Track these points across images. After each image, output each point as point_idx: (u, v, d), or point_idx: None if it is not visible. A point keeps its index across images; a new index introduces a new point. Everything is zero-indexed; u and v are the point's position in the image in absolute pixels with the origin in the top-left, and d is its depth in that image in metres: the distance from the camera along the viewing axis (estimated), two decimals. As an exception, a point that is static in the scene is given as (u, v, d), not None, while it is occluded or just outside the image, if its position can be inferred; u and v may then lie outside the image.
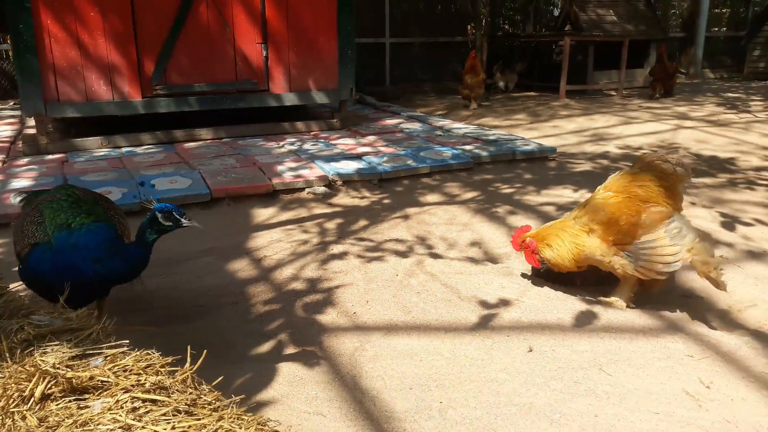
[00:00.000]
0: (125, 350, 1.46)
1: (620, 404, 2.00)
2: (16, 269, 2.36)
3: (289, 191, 4.41)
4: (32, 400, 1.27)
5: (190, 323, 2.58)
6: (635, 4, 11.11)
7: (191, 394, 1.35)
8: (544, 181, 4.81)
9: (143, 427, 1.20)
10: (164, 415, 1.25)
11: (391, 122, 7.04)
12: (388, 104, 8.44)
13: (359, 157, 5.14)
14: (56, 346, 1.44)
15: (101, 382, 1.33)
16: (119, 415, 1.22)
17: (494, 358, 2.29)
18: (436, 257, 3.25)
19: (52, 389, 1.30)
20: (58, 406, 1.27)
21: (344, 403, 2.03)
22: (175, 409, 1.27)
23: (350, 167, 4.76)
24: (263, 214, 4.04)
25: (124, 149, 5.57)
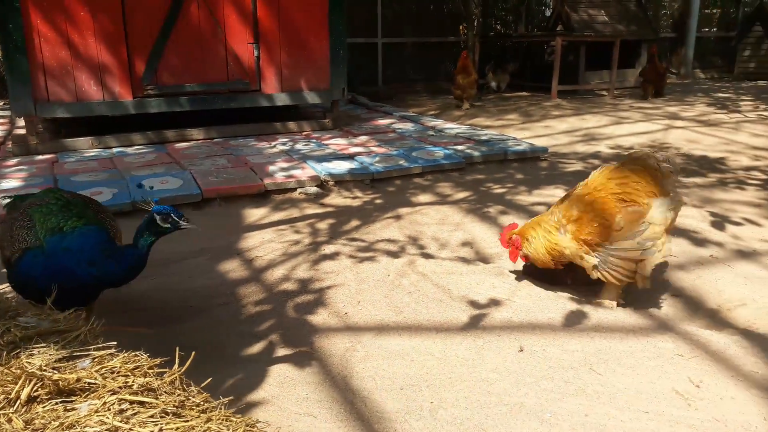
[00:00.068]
0: (113, 352, 1.46)
1: (610, 403, 2.00)
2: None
3: (280, 191, 4.40)
4: (18, 402, 1.26)
5: (180, 324, 2.57)
6: (626, 4, 11.16)
7: (179, 395, 1.34)
8: (535, 181, 4.82)
9: (130, 429, 1.19)
10: (152, 417, 1.24)
11: (383, 122, 7.04)
12: (380, 104, 8.44)
13: (351, 157, 5.14)
14: (43, 348, 1.43)
15: (88, 384, 1.32)
16: (106, 417, 1.21)
17: (485, 358, 2.29)
18: (427, 257, 3.25)
19: (38, 391, 1.29)
20: (44, 408, 1.26)
21: (335, 403, 2.02)
22: (162, 410, 1.27)
23: (342, 167, 4.75)
24: (255, 214, 4.03)
25: (114, 149, 5.55)
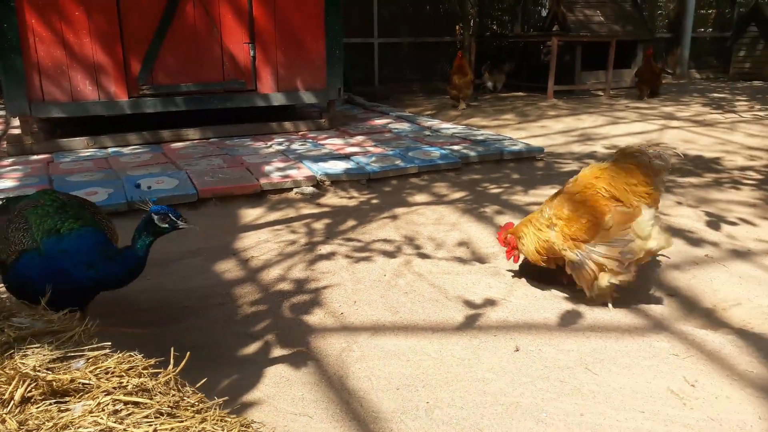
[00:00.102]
0: (107, 352, 1.45)
1: (606, 403, 2.01)
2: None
3: (276, 191, 4.39)
4: (12, 403, 1.25)
5: (176, 324, 2.56)
6: (622, 4, 11.18)
7: (174, 396, 1.34)
8: (531, 181, 4.83)
9: (125, 429, 1.19)
10: (146, 417, 1.24)
11: (379, 122, 7.03)
12: (377, 104, 8.44)
13: (347, 157, 5.13)
14: (37, 348, 1.43)
15: (82, 384, 1.32)
16: (100, 417, 1.21)
17: (481, 357, 2.29)
18: (423, 257, 3.25)
19: (32, 392, 1.28)
20: (38, 409, 1.25)
21: (331, 404, 2.02)
22: (157, 411, 1.26)
23: (338, 167, 4.75)
24: (251, 214, 4.02)
25: (110, 149, 5.53)
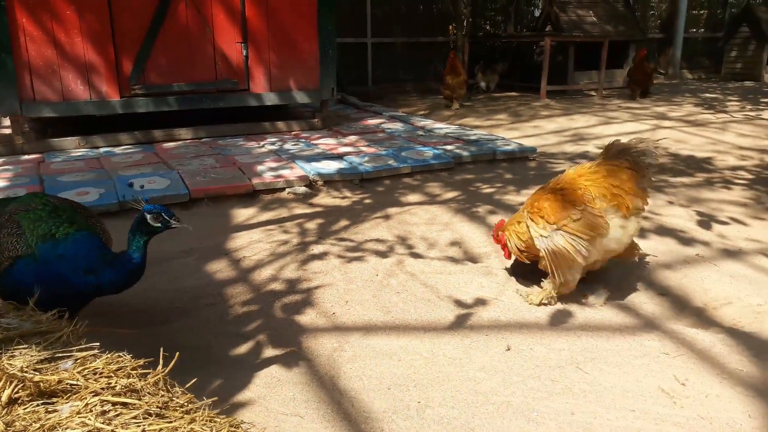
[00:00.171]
0: (96, 353, 1.44)
1: (597, 402, 2.01)
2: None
3: (269, 191, 4.38)
4: (-1, 404, 1.25)
5: (167, 325, 2.55)
6: (614, 5, 11.22)
7: (163, 396, 1.33)
8: (524, 180, 4.84)
9: (113, 430, 1.18)
10: (134, 418, 1.23)
11: (372, 122, 7.03)
12: (370, 104, 8.43)
13: (340, 157, 5.13)
14: (24, 349, 1.42)
15: (70, 385, 1.31)
16: (88, 418, 1.20)
17: (472, 357, 2.29)
18: (416, 257, 3.25)
19: (19, 393, 1.27)
20: (25, 410, 1.24)
21: (322, 404, 2.02)
22: (146, 411, 1.26)
23: (331, 167, 4.74)
24: (243, 214, 4.01)
25: (102, 149, 5.50)
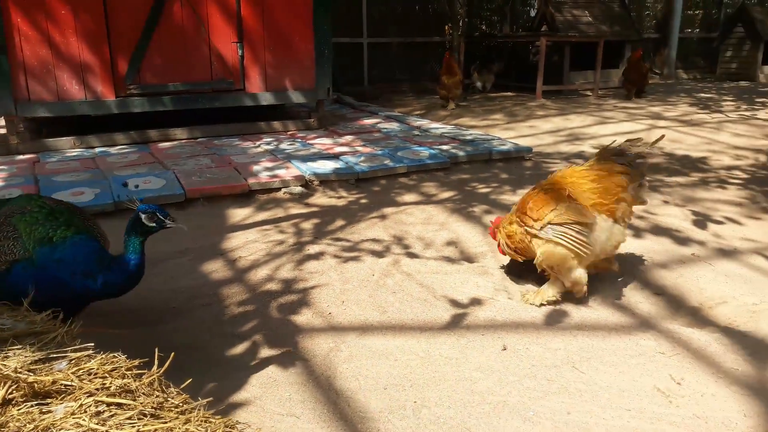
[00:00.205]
0: (90, 353, 1.44)
1: (593, 401, 2.01)
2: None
3: (265, 191, 4.38)
4: (-8, 405, 1.24)
5: (162, 325, 2.54)
6: (610, 5, 11.25)
7: (158, 397, 1.33)
8: (520, 180, 4.84)
9: (107, 431, 1.18)
10: (129, 418, 1.23)
11: (368, 122, 7.03)
12: (366, 104, 8.43)
13: (336, 156, 5.12)
14: (19, 350, 1.41)
15: (65, 386, 1.30)
16: (82, 419, 1.20)
17: (468, 356, 2.29)
18: (412, 257, 3.25)
19: (13, 394, 1.26)
20: (19, 411, 1.24)
21: (318, 404, 2.01)
22: (140, 412, 1.25)
23: (327, 167, 4.74)
24: (239, 214, 4.00)
25: (97, 149, 5.49)
